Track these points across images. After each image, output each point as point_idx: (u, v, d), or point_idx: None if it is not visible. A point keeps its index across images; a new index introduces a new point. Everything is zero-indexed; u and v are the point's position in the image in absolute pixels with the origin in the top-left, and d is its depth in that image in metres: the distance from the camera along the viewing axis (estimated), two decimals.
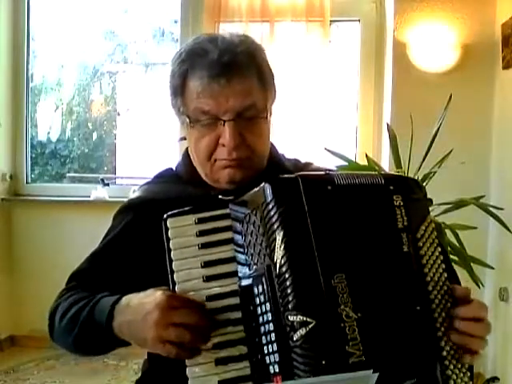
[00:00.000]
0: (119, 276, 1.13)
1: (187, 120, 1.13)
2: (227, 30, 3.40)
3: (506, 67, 2.92)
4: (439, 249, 0.96)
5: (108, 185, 3.78)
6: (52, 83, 4.17)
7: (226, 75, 1.08)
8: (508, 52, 2.87)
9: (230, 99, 1.09)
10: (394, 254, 0.93)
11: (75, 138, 4.22)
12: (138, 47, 4.25)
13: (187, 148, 1.22)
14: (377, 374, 0.80)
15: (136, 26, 4.14)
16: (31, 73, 3.92)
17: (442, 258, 0.96)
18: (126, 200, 1.23)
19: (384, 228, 0.94)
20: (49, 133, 4.17)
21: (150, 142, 4.15)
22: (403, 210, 0.95)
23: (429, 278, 0.93)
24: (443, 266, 0.95)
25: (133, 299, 0.98)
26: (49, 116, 4.14)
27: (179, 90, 1.13)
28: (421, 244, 0.95)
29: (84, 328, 1.05)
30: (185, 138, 1.21)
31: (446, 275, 0.95)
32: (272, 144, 1.23)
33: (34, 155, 4.03)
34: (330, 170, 1.26)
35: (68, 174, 4.15)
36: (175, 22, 3.88)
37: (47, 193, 3.79)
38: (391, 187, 0.96)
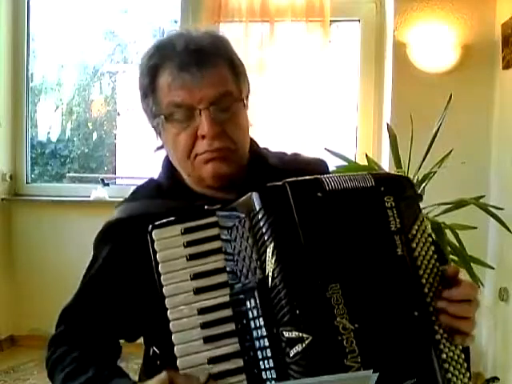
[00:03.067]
0: (110, 307, 1.09)
1: (162, 118, 1.08)
2: (227, 30, 3.40)
3: (505, 67, 2.92)
4: (432, 247, 0.95)
5: (108, 185, 3.78)
6: (52, 83, 4.17)
7: (196, 63, 1.04)
8: (508, 52, 2.87)
9: (202, 87, 1.04)
10: (388, 258, 0.91)
11: (75, 138, 4.22)
12: (138, 47, 4.24)
13: (166, 157, 1.18)
14: (377, 374, 0.80)
15: (136, 25, 4.14)
16: (31, 73, 3.92)
17: (435, 256, 0.94)
18: (105, 222, 1.17)
19: (377, 232, 0.92)
20: (49, 133, 4.17)
21: (150, 142, 4.14)
22: (395, 212, 0.93)
23: (424, 280, 0.92)
24: (437, 264, 0.94)
25: None
26: (49, 116, 4.13)
27: (149, 88, 1.10)
28: (414, 245, 0.93)
29: None
30: (162, 147, 1.16)
31: (440, 274, 0.93)
32: (252, 139, 1.18)
33: (33, 155, 4.03)
34: (317, 161, 1.24)
35: (68, 174, 4.15)
36: (175, 21, 3.88)
37: (47, 193, 3.78)
38: (382, 188, 0.94)
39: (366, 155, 2.69)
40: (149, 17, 4.10)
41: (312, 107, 3.40)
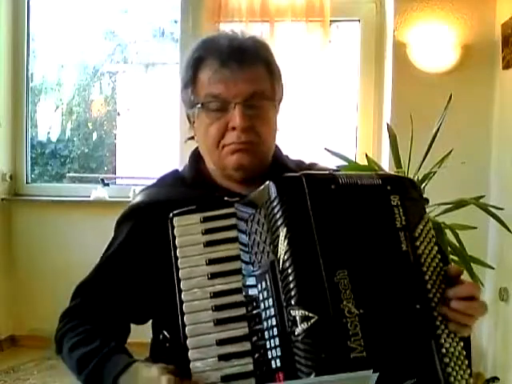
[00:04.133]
0: (125, 286, 1.14)
1: (198, 106, 1.15)
2: (227, 30, 3.40)
3: (505, 67, 2.92)
4: (436, 248, 0.98)
5: (108, 185, 3.78)
6: (52, 83, 4.17)
7: (237, 60, 1.12)
8: (508, 52, 2.87)
9: (239, 83, 1.12)
10: (393, 252, 0.94)
11: (75, 138, 4.22)
12: (138, 47, 4.25)
13: (194, 150, 1.25)
14: (377, 374, 0.81)
15: (136, 26, 4.14)
16: (31, 73, 3.92)
17: (439, 256, 0.97)
18: (128, 205, 1.22)
19: (383, 227, 0.96)
20: (49, 133, 4.17)
21: (150, 142, 4.15)
22: (401, 210, 0.97)
23: (427, 277, 0.95)
24: (441, 264, 0.96)
25: (139, 373, 0.98)
26: (49, 116, 4.14)
27: (191, 80, 1.17)
28: (418, 243, 0.96)
29: (90, 379, 1.05)
30: (192, 138, 1.23)
31: (443, 273, 0.96)
32: (276, 145, 1.25)
33: (33, 155, 4.03)
34: (334, 171, 1.28)
35: (68, 174, 4.15)
36: (175, 21, 3.88)
37: (47, 193, 3.78)
38: (388, 187, 0.98)
39: (366, 155, 2.69)
40: (149, 17, 4.10)
41: (312, 107, 3.40)
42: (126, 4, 4.09)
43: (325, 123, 3.43)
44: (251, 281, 0.96)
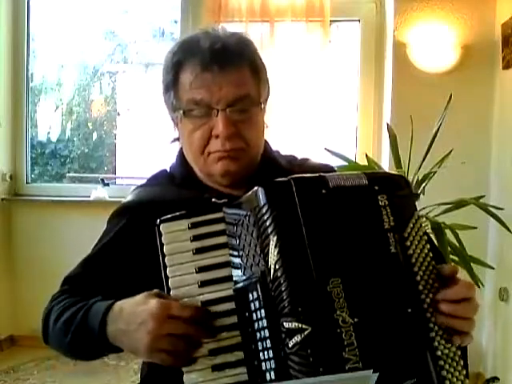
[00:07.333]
0: (112, 281, 1.11)
1: (180, 112, 1.11)
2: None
3: (505, 67, 2.92)
4: (428, 245, 0.95)
5: (108, 185, 3.78)
6: (52, 83, 4.17)
7: (219, 63, 1.07)
8: (508, 52, 2.87)
9: (222, 88, 1.07)
10: (382, 255, 0.92)
11: (75, 138, 4.22)
12: (138, 47, 4.25)
13: (181, 148, 1.21)
14: (376, 374, 0.80)
15: (136, 26, 4.14)
16: (31, 73, 3.92)
17: (431, 255, 0.94)
18: (121, 202, 1.21)
19: (372, 230, 0.93)
20: (49, 133, 4.17)
21: (150, 142, 4.15)
22: (389, 210, 0.94)
23: (419, 278, 0.92)
24: (433, 262, 0.94)
25: (126, 306, 0.97)
26: (49, 116, 4.14)
27: (171, 83, 1.12)
28: (408, 243, 0.93)
29: (77, 334, 1.03)
30: (178, 139, 1.20)
31: (435, 272, 0.93)
32: (266, 141, 1.22)
33: (33, 155, 4.03)
34: (326, 167, 1.26)
35: (68, 174, 4.15)
36: (175, 22, 3.89)
37: (47, 193, 3.79)
38: (376, 187, 0.95)
39: (366, 155, 2.70)
40: (149, 17, 4.10)
41: (312, 107, 3.40)
42: (126, 4, 4.09)
43: (325, 123, 3.43)
44: (242, 288, 0.94)
